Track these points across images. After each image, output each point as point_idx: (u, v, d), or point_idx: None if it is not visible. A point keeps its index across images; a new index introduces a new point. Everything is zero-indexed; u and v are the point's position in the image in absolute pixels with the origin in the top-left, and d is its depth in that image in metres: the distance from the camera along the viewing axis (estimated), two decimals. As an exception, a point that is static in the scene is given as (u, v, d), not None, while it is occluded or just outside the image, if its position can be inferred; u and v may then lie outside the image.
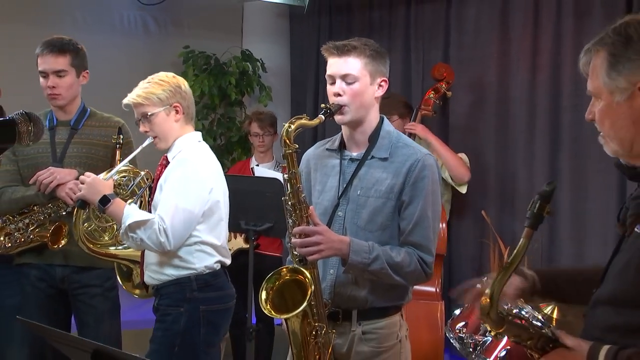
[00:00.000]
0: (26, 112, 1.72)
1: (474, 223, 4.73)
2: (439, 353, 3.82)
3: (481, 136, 4.79)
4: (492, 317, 1.65)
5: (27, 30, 4.50)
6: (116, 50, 5.08)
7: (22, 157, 3.25)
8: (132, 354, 1.71)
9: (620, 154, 1.70)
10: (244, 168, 4.86)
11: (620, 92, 1.63)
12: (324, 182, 2.52)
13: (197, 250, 2.84)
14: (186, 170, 2.80)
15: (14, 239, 3.21)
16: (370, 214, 2.42)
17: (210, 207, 2.85)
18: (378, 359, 2.46)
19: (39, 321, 2.72)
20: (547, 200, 1.64)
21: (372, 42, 2.46)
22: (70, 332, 3.27)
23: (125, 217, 2.74)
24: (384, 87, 2.47)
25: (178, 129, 2.89)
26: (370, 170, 2.45)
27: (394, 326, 2.49)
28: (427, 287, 3.91)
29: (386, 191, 2.42)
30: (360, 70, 2.40)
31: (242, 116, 5.55)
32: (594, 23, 4.28)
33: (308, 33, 5.67)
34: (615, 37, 1.64)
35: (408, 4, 5.18)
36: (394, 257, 2.37)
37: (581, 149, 4.33)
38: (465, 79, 4.80)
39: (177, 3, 5.46)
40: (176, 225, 2.73)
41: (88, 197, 2.79)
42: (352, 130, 2.49)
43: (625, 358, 1.56)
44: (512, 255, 1.64)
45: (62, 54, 3.20)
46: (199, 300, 2.83)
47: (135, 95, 2.83)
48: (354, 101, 2.40)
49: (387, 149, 2.46)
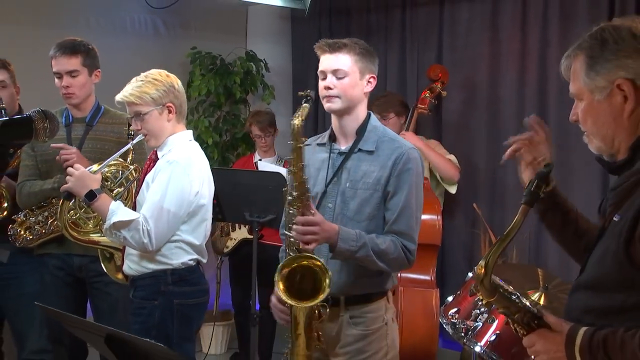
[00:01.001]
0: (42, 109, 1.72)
1: (466, 215, 4.73)
2: (434, 338, 3.82)
3: (473, 133, 4.79)
4: (486, 286, 1.67)
5: (43, 33, 4.50)
6: (128, 51, 5.07)
7: (40, 152, 3.25)
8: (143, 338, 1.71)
9: (603, 150, 1.71)
10: (247, 163, 4.86)
11: (600, 90, 1.65)
12: (315, 176, 2.53)
13: (176, 247, 2.78)
14: (174, 173, 2.71)
15: (34, 231, 3.21)
16: (359, 205, 2.43)
17: (194, 209, 2.77)
18: (366, 341, 2.48)
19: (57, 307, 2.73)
20: (543, 180, 1.68)
21: (362, 42, 2.49)
22: (86, 318, 3.28)
23: (110, 214, 2.67)
24: (372, 84, 2.50)
25: (170, 128, 2.81)
26: (358, 164, 2.47)
27: (379, 310, 2.51)
28: (422, 275, 3.92)
29: (373, 183, 2.43)
30: (350, 67, 2.44)
31: (247, 113, 5.53)
32: (579, 26, 4.27)
33: (309, 34, 5.66)
34: (592, 41, 1.67)
35: (403, 7, 5.17)
36: (379, 244, 2.38)
37: (566, 144, 4.32)
38: (458, 79, 4.79)
39: (185, 6, 5.45)
40: (160, 228, 2.67)
41: (75, 190, 2.72)
42: (341, 121, 2.52)
43: (601, 338, 1.58)
44: (508, 229, 1.66)
45: (74, 55, 3.19)
46: (173, 293, 2.77)
47: (129, 94, 2.73)
48: (344, 94, 2.44)
49: (373, 142, 2.48)
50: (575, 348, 1.61)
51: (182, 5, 5.39)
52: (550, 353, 1.66)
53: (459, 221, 4.79)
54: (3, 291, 3.42)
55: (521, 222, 1.66)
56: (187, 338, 2.85)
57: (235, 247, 4.68)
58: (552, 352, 1.66)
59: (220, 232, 4.82)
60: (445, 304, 3.01)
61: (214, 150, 5.29)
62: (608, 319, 1.62)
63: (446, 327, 2.91)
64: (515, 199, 4.57)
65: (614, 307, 1.62)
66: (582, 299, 1.71)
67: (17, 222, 3.21)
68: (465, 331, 2.80)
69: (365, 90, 2.49)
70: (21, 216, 3.22)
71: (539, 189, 1.68)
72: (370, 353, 2.48)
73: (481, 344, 2.73)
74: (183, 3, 5.40)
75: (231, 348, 5.13)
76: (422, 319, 3.80)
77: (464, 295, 2.92)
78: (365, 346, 2.48)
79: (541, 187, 1.68)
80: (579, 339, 1.61)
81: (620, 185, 1.68)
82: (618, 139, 1.67)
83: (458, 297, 2.96)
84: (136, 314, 2.83)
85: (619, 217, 1.62)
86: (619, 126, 1.65)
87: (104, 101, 3.38)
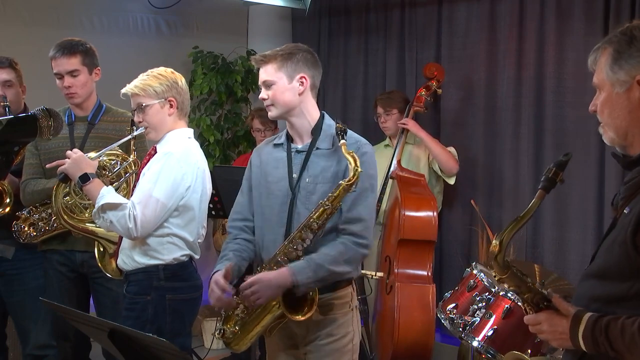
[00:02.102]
0: (47, 108, 1.72)
1: (464, 211, 4.73)
2: (430, 333, 3.82)
3: (470, 130, 4.78)
4: (499, 262, 1.73)
5: (48, 33, 4.51)
6: (130, 51, 5.07)
7: (44, 150, 3.25)
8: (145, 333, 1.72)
9: (616, 142, 1.76)
10: (248, 160, 4.85)
11: (620, 84, 1.71)
12: (274, 174, 2.58)
13: (168, 242, 2.77)
14: (167, 163, 2.72)
15: (38, 228, 3.21)
16: (319, 199, 2.45)
17: (186, 203, 2.77)
18: (333, 325, 2.52)
19: (61, 302, 2.75)
20: (561, 168, 1.75)
21: (291, 46, 2.60)
22: (89, 313, 3.28)
23: (100, 197, 2.68)
24: (305, 83, 2.53)
25: (170, 123, 2.82)
26: (316, 160, 2.52)
27: (346, 297, 2.56)
28: (419, 270, 3.92)
29: (332, 177, 2.48)
30: (274, 74, 2.53)
31: (248, 112, 5.54)
32: (575, 25, 4.28)
33: (309, 34, 5.66)
34: (621, 37, 1.72)
35: (402, 6, 5.16)
36: (330, 254, 2.42)
37: (563, 141, 4.33)
38: (456, 77, 4.79)
39: (187, 6, 5.45)
40: (147, 215, 2.67)
41: (70, 171, 2.75)
42: (291, 123, 2.58)
43: (603, 323, 1.64)
44: (524, 211, 1.73)
45: (73, 54, 3.19)
46: (165, 289, 2.77)
47: (133, 86, 2.78)
48: (276, 101, 2.53)
49: (329, 140, 2.53)
50: (579, 332, 1.67)
51: (184, 5, 5.40)
52: (555, 334, 1.73)
53: (457, 218, 4.79)
54: (7, 286, 3.42)
55: (537, 205, 1.73)
56: (180, 333, 2.84)
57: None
58: (557, 333, 1.73)
59: (221, 229, 4.82)
60: (444, 300, 3.01)
61: (215, 148, 5.29)
62: (613, 306, 1.67)
63: (444, 322, 2.92)
64: (513, 196, 4.59)
65: (619, 295, 1.67)
66: (589, 287, 1.76)
67: (20, 219, 3.22)
68: (463, 326, 2.80)
69: (300, 90, 2.52)
70: (25, 213, 3.22)
71: (556, 175, 1.74)
72: (337, 337, 2.52)
73: (479, 338, 2.73)
74: (185, 3, 5.40)
75: (233, 343, 5.13)
76: (418, 314, 3.80)
77: (462, 291, 2.92)
78: (333, 330, 2.52)
79: (559, 174, 1.74)
80: (583, 324, 1.67)
81: (631, 180, 1.73)
82: (631, 133, 1.73)
83: (456, 292, 2.97)
84: (129, 309, 2.82)
85: (629, 210, 1.69)
86: (633, 120, 1.71)
87: (105, 100, 3.38)
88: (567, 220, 4.32)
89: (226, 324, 2.57)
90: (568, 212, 4.32)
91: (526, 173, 4.48)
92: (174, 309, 2.79)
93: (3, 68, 3.40)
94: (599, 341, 1.63)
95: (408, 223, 3.86)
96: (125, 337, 1.71)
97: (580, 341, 1.67)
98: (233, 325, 2.54)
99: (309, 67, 2.55)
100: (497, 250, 1.72)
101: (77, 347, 3.32)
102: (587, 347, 1.67)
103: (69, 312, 1.94)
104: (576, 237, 4.27)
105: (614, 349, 1.62)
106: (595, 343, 1.64)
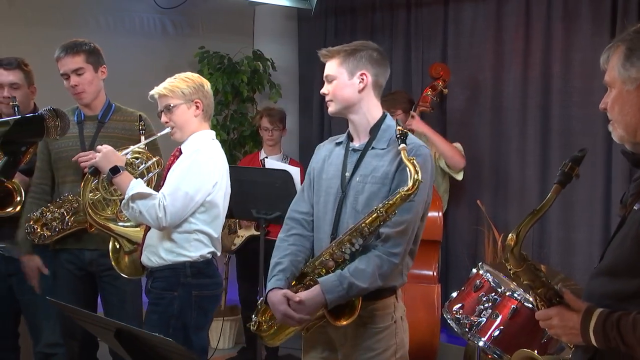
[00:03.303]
0: (54, 108, 1.72)
1: (470, 211, 4.72)
2: (435, 333, 3.82)
3: (476, 130, 4.78)
4: (515, 255, 1.75)
5: (55, 33, 4.53)
6: (137, 51, 5.09)
7: (55, 150, 3.28)
8: (151, 332, 1.72)
9: (625, 139, 1.77)
10: (253, 160, 4.87)
11: (631, 81, 1.72)
12: (329, 172, 2.56)
13: (195, 239, 2.84)
14: (196, 160, 2.82)
15: (52, 228, 3.22)
16: (367, 199, 2.42)
17: (212, 199, 2.85)
18: (374, 339, 2.46)
19: (69, 301, 2.75)
20: (577, 163, 1.77)
21: (357, 43, 2.55)
22: (97, 311, 3.29)
23: (130, 189, 2.76)
24: (365, 80, 2.50)
25: (196, 124, 2.90)
26: (369, 159, 2.48)
27: (388, 308, 2.49)
28: (424, 270, 3.92)
29: (381, 177, 2.43)
30: (336, 70, 2.51)
31: (254, 112, 5.54)
32: (582, 25, 4.26)
33: (315, 34, 5.66)
34: (634, 35, 1.73)
35: (408, 6, 5.16)
36: (365, 269, 2.35)
37: (570, 141, 4.32)
38: (462, 77, 4.78)
39: (193, 7, 5.46)
40: (176, 206, 2.74)
41: (101, 164, 2.81)
42: (350, 121, 2.56)
43: (614, 318, 1.65)
44: (540, 204, 1.75)
45: (77, 53, 3.21)
46: (191, 285, 2.84)
47: (162, 88, 2.87)
48: (334, 97, 2.52)
49: (386, 141, 2.48)
50: (590, 328, 1.68)
51: (190, 5, 5.41)
52: (565, 329, 1.74)
53: (463, 218, 4.78)
54: (19, 285, 3.44)
55: (553, 199, 1.75)
56: (202, 327, 2.94)
57: (243, 244, 4.69)
58: (567, 328, 1.73)
59: (227, 230, 4.83)
60: (450, 300, 3.00)
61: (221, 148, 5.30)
62: (625, 304, 1.67)
63: (450, 322, 2.91)
64: (519, 196, 4.58)
65: (629, 292, 1.68)
66: (599, 285, 1.77)
67: (32, 219, 3.22)
68: (469, 326, 2.80)
69: (360, 87, 2.50)
70: (37, 214, 3.23)
71: (572, 170, 1.76)
72: (379, 351, 2.46)
73: (485, 339, 2.73)
74: (191, 3, 5.41)
75: (238, 343, 5.14)
76: (424, 314, 3.80)
77: (468, 291, 2.91)
78: (374, 344, 2.46)
79: (575, 169, 1.76)
80: (594, 319, 1.68)
81: None
82: None
83: (462, 293, 2.96)
84: (155, 304, 2.89)
85: (639, 206, 1.69)
86: None
87: (113, 100, 3.39)
88: (574, 220, 4.31)
89: (261, 316, 2.56)
90: (575, 212, 4.30)
91: (532, 173, 4.46)
92: (199, 305, 2.87)
93: (10, 70, 3.41)
94: (610, 336, 1.64)
95: (414, 223, 3.85)
96: (132, 337, 1.71)
97: (591, 336, 1.67)
98: (269, 319, 2.53)
99: (373, 64, 2.51)
100: (513, 243, 1.74)
101: (84, 346, 3.34)
102: (598, 342, 1.67)
103: (75, 311, 1.94)
104: (583, 237, 4.26)
105: (626, 343, 1.62)
106: (607, 338, 1.65)
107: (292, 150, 5.29)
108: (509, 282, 2.75)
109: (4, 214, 3.32)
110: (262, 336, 2.57)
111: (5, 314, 3.55)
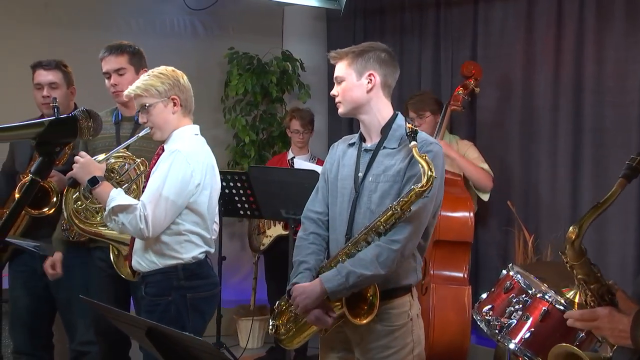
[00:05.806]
0: (87, 109, 1.74)
1: (500, 213, 4.68)
2: (466, 335, 3.79)
3: (507, 131, 4.73)
4: (575, 248, 1.73)
5: (89, 35, 4.63)
6: (168, 52, 5.11)
7: (92, 149, 3.31)
8: (183, 332, 1.73)
9: None
10: (281, 160, 4.89)
11: None
12: (343, 172, 2.59)
13: (186, 240, 2.78)
14: (175, 161, 2.72)
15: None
16: (380, 198, 2.45)
17: (197, 200, 2.77)
18: (391, 337, 2.48)
19: (102, 299, 2.79)
20: None
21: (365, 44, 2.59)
22: (129, 310, 3.32)
23: (110, 200, 2.69)
24: (373, 81, 2.52)
25: (175, 121, 2.83)
26: (381, 159, 2.50)
27: (404, 306, 2.52)
28: (455, 272, 3.90)
29: (393, 175, 2.45)
30: (345, 71, 2.54)
31: (283, 112, 5.56)
32: (615, 24, 4.19)
33: (344, 34, 5.65)
34: None
35: (437, 6, 5.12)
36: (362, 257, 2.38)
37: (602, 140, 4.25)
38: (492, 76, 4.74)
39: (223, 8, 5.49)
40: (157, 214, 2.67)
41: (79, 176, 2.77)
42: (361, 121, 2.59)
43: None
44: (604, 198, 1.74)
45: (120, 54, 3.28)
46: (185, 288, 2.79)
47: (135, 87, 2.79)
48: (343, 98, 2.55)
49: (397, 140, 2.51)
50: None
51: (219, 6, 5.44)
52: (614, 331, 1.71)
53: (493, 219, 4.74)
54: (55, 283, 3.49)
55: (618, 193, 1.73)
56: (199, 331, 2.86)
57: (271, 244, 4.70)
58: (616, 330, 1.70)
59: (256, 230, 4.85)
60: (480, 301, 2.98)
61: (250, 148, 5.32)
62: None
63: (480, 324, 2.88)
64: (551, 196, 4.52)
65: None
66: None
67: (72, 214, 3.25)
68: (499, 328, 2.77)
69: (368, 88, 2.51)
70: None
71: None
72: (396, 349, 2.49)
73: (515, 341, 2.70)
74: (221, 4, 5.44)
75: (267, 342, 5.15)
76: (454, 315, 3.78)
77: (499, 292, 2.89)
78: (391, 342, 2.48)
79: None
80: None
81: None
82: None
83: (492, 294, 2.93)
84: (150, 311, 2.83)
85: None
86: None
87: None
88: (607, 221, 4.24)
89: (279, 319, 2.57)
90: (608, 212, 4.21)
91: (564, 173, 4.41)
92: (195, 307, 2.83)
93: (49, 70, 3.49)
94: None
95: (444, 224, 3.82)
96: (163, 336, 1.72)
97: None
98: (286, 322, 2.55)
99: (381, 65, 2.54)
100: (574, 236, 1.72)
101: (116, 344, 3.36)
102: None
103: (107, 309, 1.97)
104: (616, 238, 4.19)
105: None
106: None
107: (320, 151, 5.30)
108: (540, 284, 2.72)
109: (40, 214, 3.38)
110: (281, 339, 2.59)
111: (41, 312, 3.62)
